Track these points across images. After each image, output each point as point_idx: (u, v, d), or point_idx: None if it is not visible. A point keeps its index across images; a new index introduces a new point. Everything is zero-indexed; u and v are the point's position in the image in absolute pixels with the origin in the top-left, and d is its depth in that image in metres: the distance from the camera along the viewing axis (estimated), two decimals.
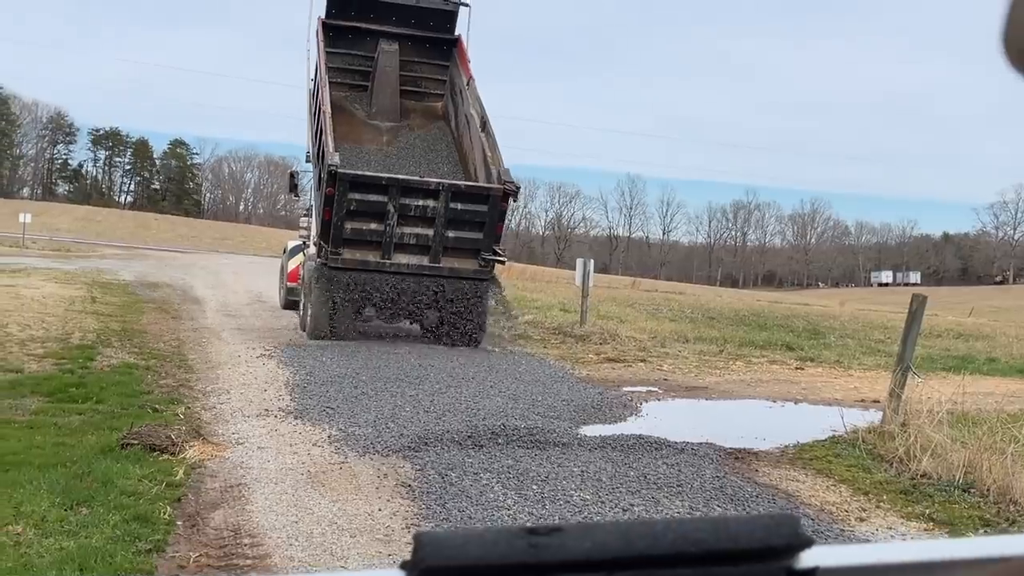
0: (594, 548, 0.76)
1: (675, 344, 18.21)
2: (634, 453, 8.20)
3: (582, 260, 19.96)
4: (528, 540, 0.75)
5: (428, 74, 17.98)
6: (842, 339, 22.26)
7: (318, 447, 8.11)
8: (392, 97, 17.49)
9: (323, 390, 10.69)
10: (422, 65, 17.95)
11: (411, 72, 17.78)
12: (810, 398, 12.65)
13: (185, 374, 11.76)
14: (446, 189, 14.49)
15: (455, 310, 15.03)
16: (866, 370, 16.23)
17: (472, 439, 8.30)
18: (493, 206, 14.61)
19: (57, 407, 9.33)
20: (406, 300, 14.80)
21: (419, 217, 14.51)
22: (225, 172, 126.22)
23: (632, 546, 0.77)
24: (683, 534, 0.78)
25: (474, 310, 15.12)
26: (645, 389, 12.65)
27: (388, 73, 17.43)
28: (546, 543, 0.75)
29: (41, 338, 13.65)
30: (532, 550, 0.75)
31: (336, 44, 17.31)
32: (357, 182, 14.26)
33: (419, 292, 14.78)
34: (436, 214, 14.43)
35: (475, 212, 14.61)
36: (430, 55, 17.89)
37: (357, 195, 14.25)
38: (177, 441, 7.93)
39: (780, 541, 0.79)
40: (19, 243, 41.87)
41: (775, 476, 7.96)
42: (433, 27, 17.68)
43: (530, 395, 11.08)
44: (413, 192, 14.47)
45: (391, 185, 14.42)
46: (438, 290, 14.85)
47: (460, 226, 14.64)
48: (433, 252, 14.62)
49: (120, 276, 27.74)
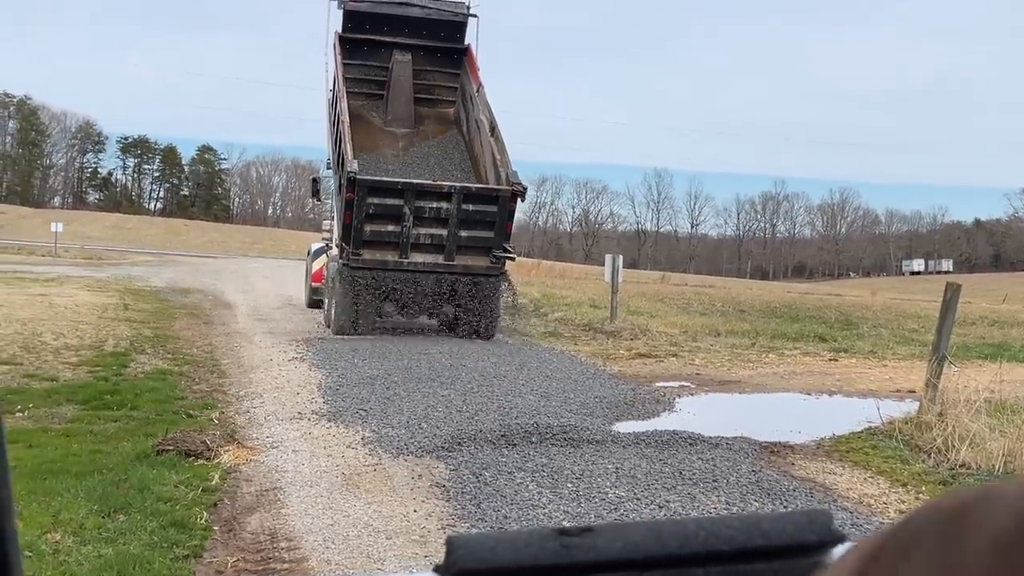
0: (626, 548, 0.76)
1: (707, 338, 18.12)
2: (669, 449, 8.15)
3: (611, 256, 19.90)
4: (560, 541, 0.75)
5: (440, 82, 18.81)
6: (875, 329, 22.06)
7: (352, 449, 8.12)
8: (407, 105, 18.36)
9: (356, 392, 10.71)
10: (434, 73, 18.79)
11: (424, 80, 18.65)
12: (844, 390, 12.53)
13: (218, 379, 11.83)
14: (458, 192, 15.23)
15: (469, 305, 15.97)
16: (900, 360, 16.06)
17: (505, 438, 8.28)
18: (502, 206, 15.37)
19: (93, 414, 9.41)
20: (423, 297, 15.77)
21: (433, 218, 15.28)
22: (253, 176, 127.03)
23: (664, 545, 0.77)
24: (715, 532, 0.78)
25: (487, 305, 16.01)
26: (678, 384, 12.59)
27: (402, 82, 18.33)
28: (578, 544, 0.75)
29: (75, 346, 13.77)
30: (564, 551, 0.75)
31: (353, 56, 18.21)
32: (375, 187, 15.04)
33: (435, 289, 15.69)
34: (449, 215, 15.19)
35: (486, 212, 15.39)
36: (442, 64, 18.74)
37: (375, 199, 15.01)
38: (212, 446, 7.96)
39: (813, 537, 0.79)
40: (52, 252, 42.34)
41: (812, 469, 7.88)
42: (444, 38, 18.54)
43: (562, 393, 11.04)
44: (427, 195, 15.24)
45: (407, 189, 15.17)
46: (453, 286, 15.75)
47: (472, 226, 15.42)
48: (447, 251, 15.39)
49: (151, 283, 27.99)
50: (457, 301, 16.00)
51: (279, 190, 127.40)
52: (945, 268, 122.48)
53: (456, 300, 15.99)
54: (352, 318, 15.72)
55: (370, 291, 15.60)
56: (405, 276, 15.48)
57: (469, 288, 15.80)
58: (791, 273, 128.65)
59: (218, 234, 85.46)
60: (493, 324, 16.29)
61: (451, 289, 15.79)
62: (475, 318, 16.06)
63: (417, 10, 18.23)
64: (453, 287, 15.76)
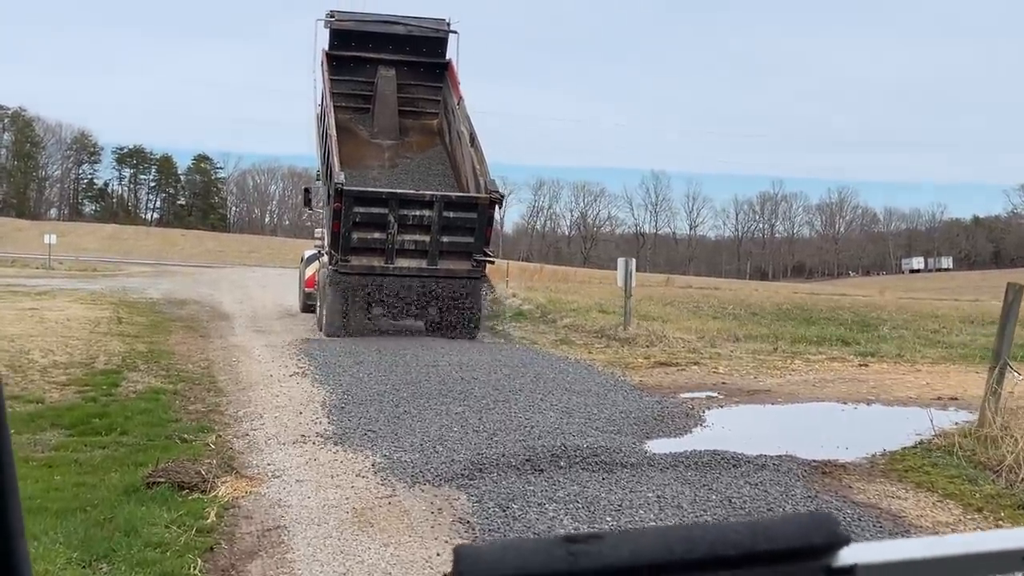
0: (633, 554, 0.75)
1: (726, 344, 17.36)
2: (711, 472, 7.39)
3: (623, 260, 19.12)
4: (567, 548, 0.75)
5: (423, 95, 19.73)
6: (895, 331, 21.30)
7: (362, 478, 7.36)
8: (392, 117, 19.25)
9: (362, 410, 9.96)
10: (418, 87, 19.71)
11: (408, 94, 19.57)
12: (882, 398, 11.76)
13: (215, 398, 11.06)
14: (439, 200, 16.07)
15: (452, 306, 16.83)
16: (933, 364, 15.29)
17: (531, 463, 7.52)
18: (481, 213, 16.20)
19: (79, 441, 8.65)
20: (409, 299, 16.59)
21: (417, 225, 16.09)
22: (249, 185, 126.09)
23: (671, 551, 0.76)
24: (721, 537, 0.77)
25: (469, 306, 16.88)
26: (704, 395, 11.82)
27: (387, 96, 19.23)
28: (585, 551, 0.75)
29: (64, 363, 13.01)
30: (571, 558, 0.74)
31: (339, 72, 19.07)
32: (361, 197, 15.85)
33: (420, 292, 16.55)
34: (431, 222, 16.00)
35: (466, 219, 16.21)
36: (424, 78, 19.65)
37: (361, 208, 15.81)
38: (208, 477, 7.20)
39: (818, 540, 0.78)
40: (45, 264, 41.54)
41: (872, 493, 7.12)
42: (426, 53, 19.49)
43: (585, 407, 10.29)
44: (410, 203, 16.04)
45: (391, 198, 15.99)
46: (436, 289, 16.59)
47: (453, 232, 16.23)
48: (430, 256, 16.25)
49: (147, 294, 27.25)
50: (441, 303, 16.80)
51: (276, 198, 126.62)
52: (945, 266, 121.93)
53: (440, 302, 16.79)
54: (342, 320, 16.53)
55: (358, 295, 16.46)
56: (391, 280, 16.28)
57: (452, 291, 16.62)
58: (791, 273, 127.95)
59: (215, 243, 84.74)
60: (476, 324, 17.12)
61: (434, 292, 16.60)
62: (458, 319, 16.88)
63: (400, 28, 19.20)
64: (436, 290, 16.58)
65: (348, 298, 16.45)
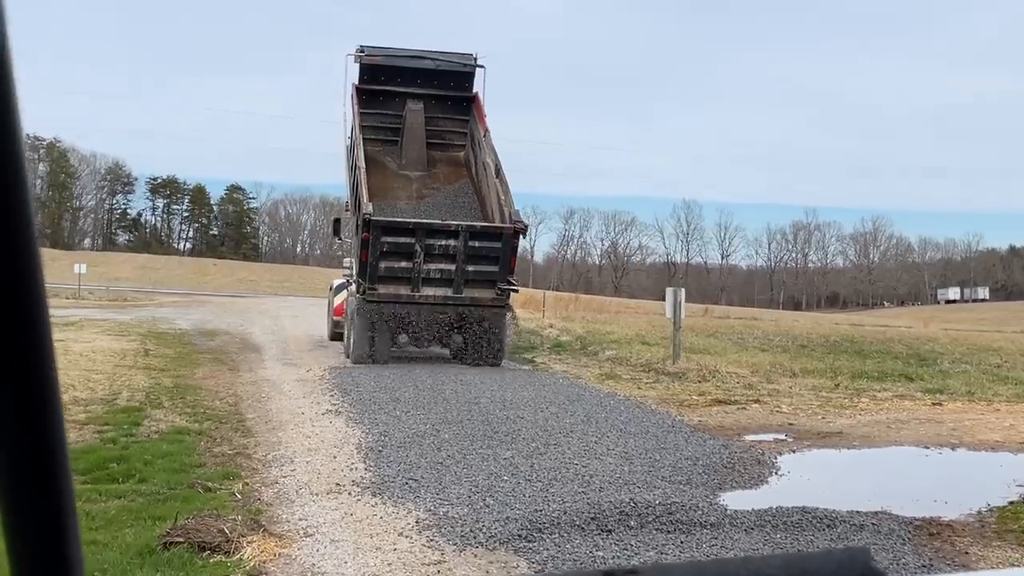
0: None
1: (782, 379, 16.36)
2: (804, 534, 6.47)
3: (672, 290, 18.24)
4: None
5: (451, 128, 20.12)
6: (956, 365, 20.19)
7: (405, 538, 6.50)
8: (419, 150, 19.57)
9: (401, 454, 9.12)
10: (445, 120, 20.09)
11: (435, 127, 19.96)
12: (966, 441, 10.75)
13: (243, 439, 10.26)
14: (464, 230, 16.40)
15: (477, 334, 17.08)
16: (1010, 403, 14.23)
17: (596, 521, 6.63)
18: (506, 242, 16.50)
19: (93, 489, 7.85)
20: (434, 327, 16.93)
21: (442, 254, 16.40)
22: (282, 215, 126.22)
23: None
24: (757, 571, 0.74)
25: (494, 334, 17.15)
26: (772, 438, 10.86)
27: (415, 129, 19.57)
28: None
29: (85, 400, 12.29)
30: None
31: (369, 106, 19.57)
32: (388, 227, 16.20)
33: (445, 320, 16.86)
34: (457, 251, 16.31)
35: (491, 248, 16.51)
36: (452, 111, 20.07)
37: (389, 238, 16.15)
38: (232, 536, 6.37)
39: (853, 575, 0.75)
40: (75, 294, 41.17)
41: (994, 560, 6.17)
42: (453, 87, 19.98)
43: (644, 452, 9.38)
44: (436, 233, 16.39)
45: (417, 228, 16.35)
46: (461, 317, 16.89)
47: (478, 261, 16.53)
48: (456, 284, 16.52)
49: (176, 325, 26.65)
50: (465, 331, 17.08)
51: (307, 228, 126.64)
52: (981, 296, 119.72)
53: (464, 330, 17.07)
54: (369, 348, 16.81)
55: (385, 323, 16.75)
56: (417, 308, 16.58)
57: (476, 319, 16.89)
58: (824, 303, 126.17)
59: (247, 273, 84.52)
60: (500, 352, 17.40)
61: (460, 320, 16.89)
62: (483, 347, 17.12)
63: (428, 62, 19.67)
64: (461, 318, 16.86)
65: (375, 326, 16.75)
